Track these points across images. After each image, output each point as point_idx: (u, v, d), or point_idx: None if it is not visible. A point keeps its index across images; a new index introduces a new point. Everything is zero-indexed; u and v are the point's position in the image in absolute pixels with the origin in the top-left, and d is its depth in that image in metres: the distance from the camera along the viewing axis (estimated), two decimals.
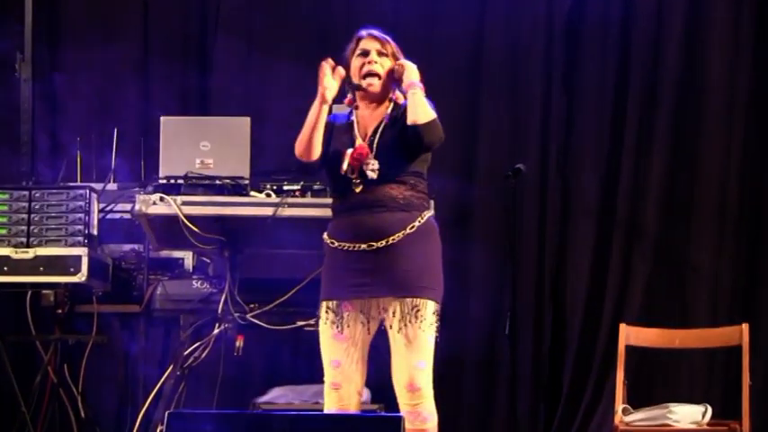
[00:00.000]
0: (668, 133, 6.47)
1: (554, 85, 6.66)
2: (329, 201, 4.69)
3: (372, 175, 3.97)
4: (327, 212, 4.39)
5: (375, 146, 4.01)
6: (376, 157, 3.99)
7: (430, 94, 4.16)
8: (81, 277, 5.29)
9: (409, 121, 3.98)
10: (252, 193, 5.20)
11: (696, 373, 6.33)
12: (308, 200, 5.14)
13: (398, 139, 4.02)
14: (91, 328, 5.58)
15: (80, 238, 5.35)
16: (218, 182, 5.17)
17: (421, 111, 3.98)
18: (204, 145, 5.23)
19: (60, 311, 5.58)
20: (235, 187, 5.18)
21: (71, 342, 5.70)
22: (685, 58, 6.49)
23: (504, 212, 6.08)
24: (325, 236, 4.09)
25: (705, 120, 6.45)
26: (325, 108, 4.05)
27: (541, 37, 6.68)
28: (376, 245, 3.95)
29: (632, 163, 6.50)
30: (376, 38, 4.11)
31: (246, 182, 5.20)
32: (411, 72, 4.06)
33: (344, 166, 3.99)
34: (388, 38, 4.13)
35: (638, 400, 5.51)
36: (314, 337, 4.28)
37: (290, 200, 5.12)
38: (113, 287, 5.61)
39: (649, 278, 6.42)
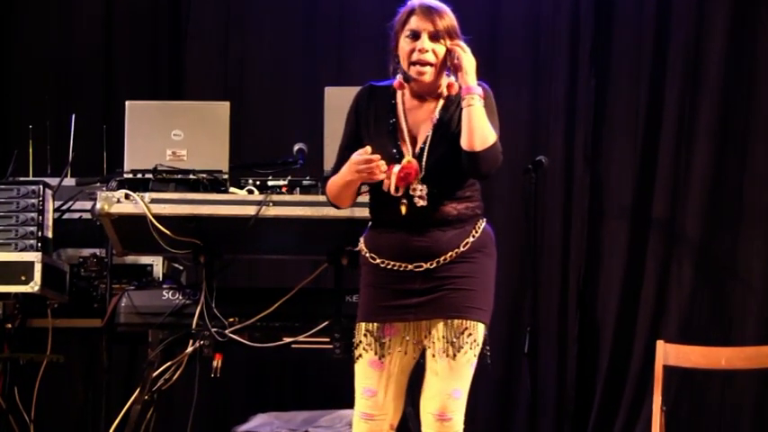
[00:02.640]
0: (713, 121, 6.54)
1: (581, 65, 6.70)
2: (320, 198, 4.68)
3: (421, 202, 3.90)
4: (318, 212, 4.36)
5: (424, 164, 3.91)
6: (425, 179, 3.90)
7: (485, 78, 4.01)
8: (34, 287, 5.26)
9: (464, 145, 3.86)
10: (231, 189, 5.18)
11: (745, 397, 6.36)
12: (297, 197, 5.08)
13: (452, 158, 3.91)
14: (45, 345, 5.56)
15: (32, 242, 5.32)
16: (192, 176, 5.12)
17: (478, 134, 3.84)
18: (176, 134, 5.20)
19: (10, 326, 5.57)
20: (212, 183, 5.13)
21: (22, 361, 5.71)
22: (734, 34, 6.52)
23: (524, 212, 6.06)
24: (362, 246, 4.04)
25: (757, 105, 6.49)
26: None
27: (566, 9, 6.69)
28: (425, 266, 3.92)
29: (671, 155, 6.57)
30: (429, 14, 3.93)
31: (225, 176, 5.16)
32: (468, 68, 3.89)
33: (392, 188, 3.89)
34: (444, 9, 3.95)
35: (678, 428, 5.49)
36: (303, 356, 4.25)
37: (276, 197, 5.06)
38: (71, 298, 5.59)
39: (691, 288, 6.46)
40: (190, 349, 5.23)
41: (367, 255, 3.99)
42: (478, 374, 6.41)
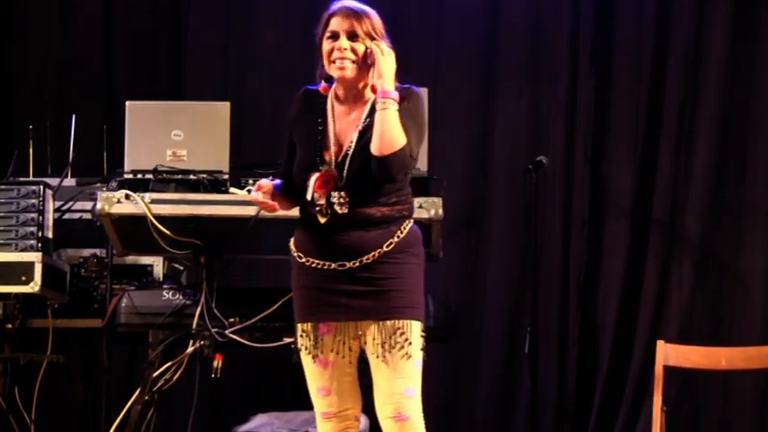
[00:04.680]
0: (713, 121, 6.50)
1: (581, 65, 6.68)
2: None
3: (340, 210, 3.90)
4: None
5: (345, 171, 3.91)
6: (347, 186, 3.89)
7: (414, 82, 3.99)
8: (34, 287, 5.25)
9: (372, 149, 3.86)
10: (231, 189, 5.12)
11: (745, 397, 6.35)
12: None
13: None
14: (45, 345, 5.55)
15: (33, 242, 5.32)
16: (192, 177, 5.14)
17: (385, 139, 3.83)
18: (177, 134, 5.20)
19: (10, 326, 5.55)
20: (212, 183, 5.15)
21: (23, 361, 5.69)
22: (734, 34, 6.49)
23: (524, 212, 6.07)
24: (291, 245, 4.05)
25: (757, 105, 6.46)
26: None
27: (566, 9, 6.69)
28: (348, 264, 3.91)
29: (671, 155, 6.54)
30: (348, 15, 3.96)
31: (225, 177, 5.18)
32: (384, 71, 3.87)
33: (308, 195, 3.92)
34: (365, 11, 3.97)
35: (678, 428, 5.49)
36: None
37: None
38: (71, 298, 5.58)
39: (692, 288, 6.45)
40: (190, 349, 5.22)
41: (294, 254, 4.00)
42: (478, 374, 6.48)
